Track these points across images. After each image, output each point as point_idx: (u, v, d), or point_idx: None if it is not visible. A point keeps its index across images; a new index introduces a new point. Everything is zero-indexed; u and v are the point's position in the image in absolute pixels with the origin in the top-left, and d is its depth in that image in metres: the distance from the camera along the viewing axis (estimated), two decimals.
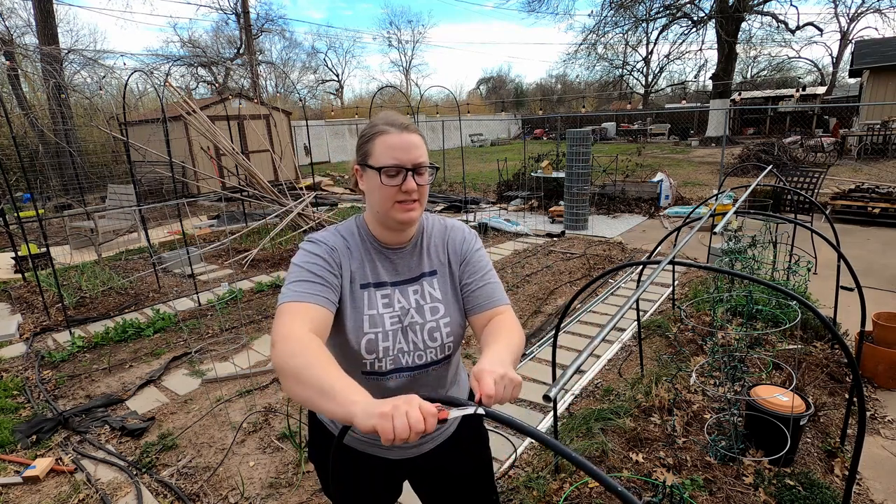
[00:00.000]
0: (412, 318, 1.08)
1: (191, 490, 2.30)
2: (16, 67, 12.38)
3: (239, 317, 4.33)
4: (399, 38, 42.06)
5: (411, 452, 1.19)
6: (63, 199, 10.01)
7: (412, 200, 1.04)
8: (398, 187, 1.02)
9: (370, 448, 1.18)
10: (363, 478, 1.21)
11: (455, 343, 1.12)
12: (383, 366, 1.06)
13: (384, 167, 1.02)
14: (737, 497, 1.98)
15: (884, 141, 12.97)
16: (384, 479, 1.23)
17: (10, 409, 3.01)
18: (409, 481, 1.30)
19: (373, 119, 1.10)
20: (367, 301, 1.07)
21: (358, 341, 1.04)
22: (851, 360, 1.46)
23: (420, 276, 1.12)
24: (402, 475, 1.27)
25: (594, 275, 5.09)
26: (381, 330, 1.05)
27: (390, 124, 1.05)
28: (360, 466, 1.20)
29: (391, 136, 1.03)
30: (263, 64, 24.99)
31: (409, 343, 1.07)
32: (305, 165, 16.52)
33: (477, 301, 1.11)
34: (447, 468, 1.25)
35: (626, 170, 9.74)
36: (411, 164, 1.03)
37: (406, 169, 1.02)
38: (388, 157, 1.02)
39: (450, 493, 1.28)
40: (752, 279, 1.58)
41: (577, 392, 2.99)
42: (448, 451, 1.23)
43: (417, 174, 1.04)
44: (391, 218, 1.05)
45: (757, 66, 32.54)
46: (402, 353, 1.07)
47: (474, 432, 1.29)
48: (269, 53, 31.20)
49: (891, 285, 4.52)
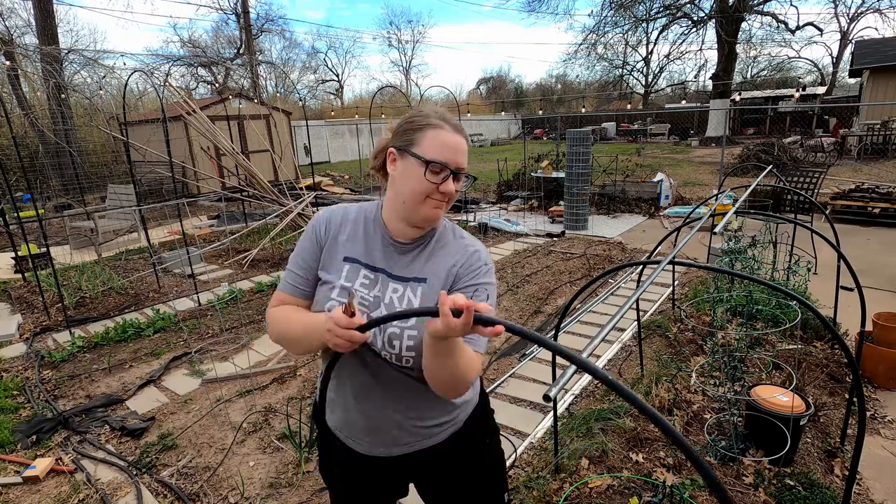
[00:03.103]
0: (381, 312, 1.04)
1: (191, 490, 2.30)
2: (16, 67, 12.38)
3: (239, 317, 4.33)
4: (399, 38, 42.04)
5: (393, 451, 1.13)
6: (63, 199, 10.01)
7: (445, 202, 1.03)
8: (437, 185, 1.01)
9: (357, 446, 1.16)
10: (359, 477, 1.21)
11: (415, 361, 1.03)
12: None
13: (433, 161, 1.00)
14: (737, 497, 1.98)
15: (884, 141, 12.97)
16: (379, 479, 1.21)
17: (10, 409, 3.01)
18: (414, 485, 1.27)
19: (423, 108, 1.07)
20: (347, 273, 1.07)
21: (323, 305, 1.06)
22: (851, 360, 1.46)
23: (410, 279, 1.07)
24: (400, 476, 1.22)
25: (594, 275, 5.09)
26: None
27: (445, 121, 1.04)
28: (356, 467, 1.19)
29: (446, 132, 1.02)
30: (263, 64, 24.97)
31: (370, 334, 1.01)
32: (305, 165, 16.52)
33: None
34: (450, 472, 1.20)
35: (626, 170, 9.74)
36: (456, 166, 1.02)
37: (451, 170, 1.02)
38: (438, 153, 1.00)
39: (452, 497, 1.23)
40: (752, 279, 1.58)
41: (577, 392, 2.99)
42: (449, 454, 1.18)
43: (456, 179, 1.03)
44: (417, 213, 1.03)
45: (757, 66, 32.56)
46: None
47: (476, 439, 1.23)
48: (269, 53, 31.23)
49: (891, 285, 4.52)
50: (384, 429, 1.10)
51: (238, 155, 6.61)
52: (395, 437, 1.11)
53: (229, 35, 25.83)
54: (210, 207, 10.55)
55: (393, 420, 1.09)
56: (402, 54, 41.76)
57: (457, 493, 1.22)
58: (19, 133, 11.49)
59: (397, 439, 1.11)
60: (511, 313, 4.26)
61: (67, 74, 14.19)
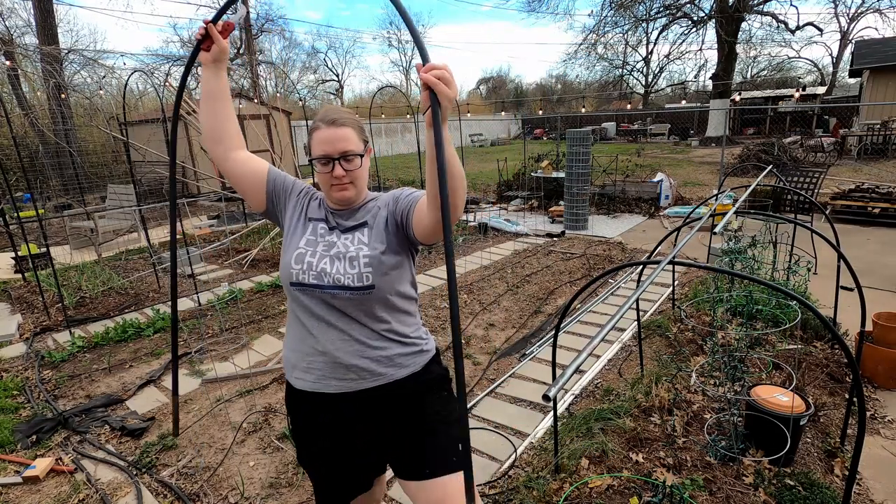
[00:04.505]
0: (338, 249, 1.25)
1: (191, 490, 2.30)
2: (16, 67, 12.38)
3: (239, 317, 4.33)
4: (399, 38, 42.02)
5: (351, 386, 1.26)
6: (63, 199, 10.01)
7: (345, 183, 1.24)
8: (330, 174, 1.23)
9: (314, 386, 1.28)
10: (315, 417, 1.32)
11: (374, 272, 1.21)
12: (306, 278, 1.23)
13: (315, 158, 1.24)
14: (737, 497, 1.98)
15: (884, 141, 12.97)
16: (334, 415, 1.30)
17: (10, 409, 3.01)
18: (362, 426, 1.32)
19: (318, 114, 1.29)
20: (311, 230, 1.30)
21: (291, 254, 1.26)
22: (851, 360, 1.46)
23: (355, 226, 1.29)
24: (353, 413, 1.30)
25: (594, 275, 5.09)
26: (311, 249, 1.26)
27: (322, 120, 1.24)
28: (312, 409, 1.31)
29: (321, 131, 1.23)
30: (263, 64, 24.96)
31: (333, 266, 1.22)
32: (305, 165, 16.51)
33: (409, 204, 1.23)
34: (413, 412, 1.31)
35: (626, 170, 9.74)
36: (338, 153, 1.22)
37: (334, 158, 1.22)
38: (318, 150, 1.23)
39: (400, 429, 1.31)
40: (752, 279, 1.58)
41: (577, 392, 2.99)
42: (412, 394, 1.31)
43: (346, 160, 1.22)
44: (331, 197, 1.29)
45: (757, 66, 32.57)
46: (324, 273, 1.22)
47: (436, 384, 1.36)
48: (269, 53, 31.16)
49: (891, 285, 4.52)
50: (348, 362, 1.24)
51: None
52: (355, 369, 1.25)
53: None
54: (210, 207, 10.55)
55: (354, 351, 1.24)
56: (402, 54, 41.70)
57: (418, 434, 1.31)
58: (19, 133, 11.49)
59: (359, 371, 1.25)
60: (511, 313, 4.26)
61: (67, 74, 14.18)
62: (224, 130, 1.35)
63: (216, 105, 1.35)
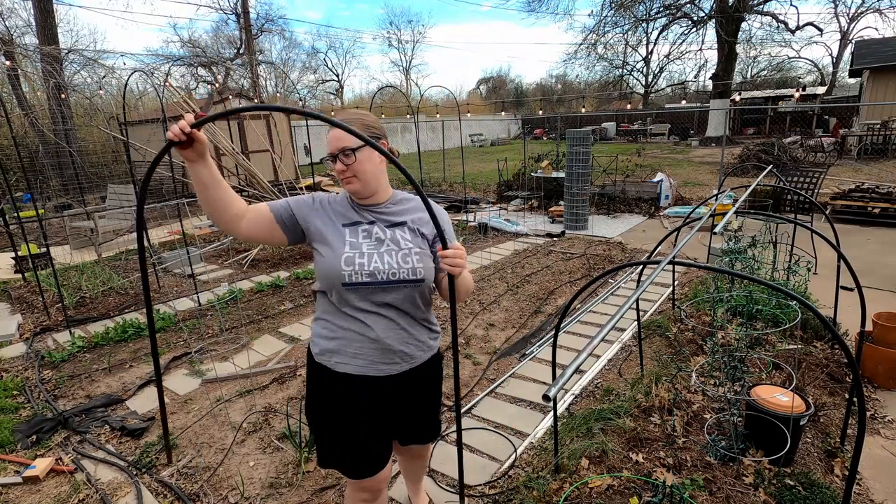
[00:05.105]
0: (388, 246, 1.41)
1: (191, 490, 2.30)
2: (16, 67, 12.38)
3: (239, 317, 4.33)
4: (399, 38, 42.05)
5: (395, 369, 1.46)
6: (63, 199, 10.01)
7: (348, 176, 1.39)
8: (335, 168, 1.40)
9: (362, 370, 1.44)
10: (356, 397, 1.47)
11: (424, 270, 1.41)
12: (359, 278, 1.36)
13: (325, 157, 1.43)
14: (737, 497, 1.98)
15: (884, 141, 12.97)
16: (375, 394, 1.48)
17: (10, 409, 3.01)
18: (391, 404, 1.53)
19: None
20: (349, 233, 1.42)
21: (339, 258, 1.37)
22: (851, 360, 1.46)
23: (397, 223, 1.46)
24: (389, 391, 1.49)
25: (594, 275, 5.09)
26: (357, 251, 1.38)
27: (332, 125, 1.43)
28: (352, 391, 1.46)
29: (328, 134, 1.41)
30: (263, 64, 24.98)
31: (385, 262, 1.38)
32: (305, 165, 16.53)
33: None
34: (425, 386, 1.60)
35: (626, 170, 9.74)
36: (337, 150, 1.37)
37: (334, 155, 1.38)
38: (327, 149, 1.41)
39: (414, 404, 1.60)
40: (752, 279, 1.58)
41: (577, 392, 2.99)
42: (418, 374, 1.54)
43: (344, 156, 1.37)
44: (345, 189, 1.46)
45: (757, 66, 32.58)
46: (378, 271, 1.37)
47: (439, 364, 1.66)
48: (269, 53, 31.15)
49: (891, 285, 4.52)
50: (396, 348, 1.44)
51: (238, 155, 6.61)
52: (401, 354, 1.45)
53: (229, 35, 25.76)
54: None
55: (401, 338, 1.44)
56: (402, 54, 41.81)
57: (425, 409, 1.65)
58: (19, 133, 11.49)
59: (403, 356, 1.46)
60: (511, 313, 4.26)
61: (67, 74, 14.18)
62: (227, 209, 1.35)
63: (216, 192, 1.33)
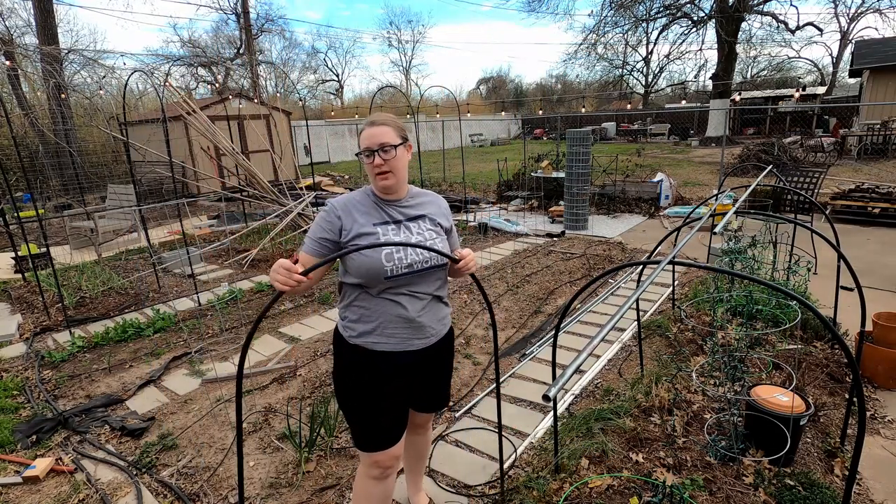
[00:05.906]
0: (417, 239, 1.56)
1: (191, 490, 2.30)
2: (16, 67, 12.38)
3: (239, 317, 4.33)
4: (399, 38, 42.07)
5: (425, 343, 1.60)
6: (63, 199, 10.01)
7: (384, 171, 1.50)
8: (372, 163, 1.49)
9: (398, 347, 1.56)
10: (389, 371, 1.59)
11: (447, 250, 1.61)
12: (399, 270, 1.50)
13: (360, 152, 1.54)
14: (737, 497, 1.98)
15: (884, 141, 12.97)
16: (408, 366, 1.61)
17: (10, 409, 3.01)
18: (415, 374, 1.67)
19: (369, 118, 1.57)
20: (382, 232, 1.52)
21: (379, 256, 1.47)
22: (851, 360, 1.46)
23: (416, 217, 1.60)
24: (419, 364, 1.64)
25: (594, 275, 5.09)
26: (395, 248, 1.51)
27: (370, 121, 1.53)
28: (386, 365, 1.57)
29: (367, 129, 1.51)
30: (263, 64, 24.99)
31: (419, 254, 1.53)
32: (305, 165, 16.53)
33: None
34: (443, 358, 1.76)
35: (626, 170, 9.74)
36: (377, 145, 1.48)
37: (373, 150, 1.48)
38: (364, 144, 1.51)
39: (434, 373, 1.75)
40: (752, 279, 1.58)
41: (577, 392, 2.99)
42: (444, 345, 1.71)
43: (384, 151, 1.48)
44: (376, 185, 1.55)
45: (757, 66, 32.58)
46: (414, 262, 1.52)
47: (450, 336, 1.77)
48: (269, 53, 31.17)
49: (891, 285, 4.52)
50: (428, 324, 1.60)
51: (238, 155, 6.60)
52: (430, 329, 1.60)
53: (229, 35, 25.77)
54: (210, 207, 10.55)
55: (430, 315, 1.60)
56: (402, 54, 41.83)
57: (441, 372, 1.78)
58: (19, 133, 11.49)
59: (431, 331, 1.61)
60: (511, 313, 4.26)
61: (67, 74, 14.18)
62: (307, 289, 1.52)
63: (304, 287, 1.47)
